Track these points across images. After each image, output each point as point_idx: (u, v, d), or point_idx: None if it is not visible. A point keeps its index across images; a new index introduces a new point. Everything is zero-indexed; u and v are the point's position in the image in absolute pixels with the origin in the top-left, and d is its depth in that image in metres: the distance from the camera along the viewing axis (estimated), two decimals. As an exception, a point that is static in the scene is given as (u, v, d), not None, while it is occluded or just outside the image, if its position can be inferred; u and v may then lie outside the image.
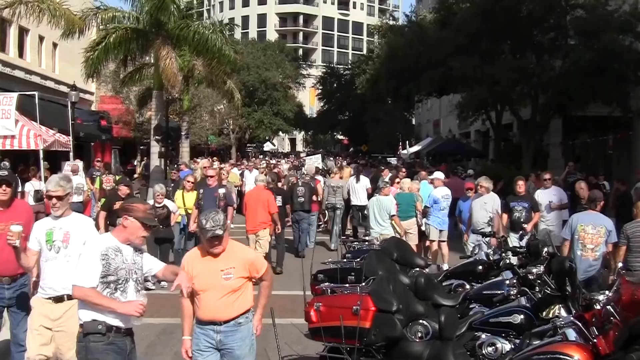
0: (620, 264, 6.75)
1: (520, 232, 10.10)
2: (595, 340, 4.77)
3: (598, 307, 5.02)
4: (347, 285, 7.87)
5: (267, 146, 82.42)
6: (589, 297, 5.13)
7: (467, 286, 8.49)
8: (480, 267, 8.84)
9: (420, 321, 6.79)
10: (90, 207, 18.56)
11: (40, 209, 16.46)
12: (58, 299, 6.05)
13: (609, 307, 4.91)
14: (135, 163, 36.76)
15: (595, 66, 23.15)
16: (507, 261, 8.24)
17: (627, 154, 28.36)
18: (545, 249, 7.33)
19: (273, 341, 5.25)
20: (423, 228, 14.42)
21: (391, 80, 34.24)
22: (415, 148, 45.40)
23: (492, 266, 8.66)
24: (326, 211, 19.10)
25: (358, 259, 9.46)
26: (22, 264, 6.25)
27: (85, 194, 17.58)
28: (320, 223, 20.24)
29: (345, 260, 9.97)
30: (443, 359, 5.60)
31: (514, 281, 7.33)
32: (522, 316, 6.42)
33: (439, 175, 15.60)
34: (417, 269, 9.24)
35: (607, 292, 5.14)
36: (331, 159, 42.11)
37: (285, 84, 66.37)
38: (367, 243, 11.43)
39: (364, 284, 7.48)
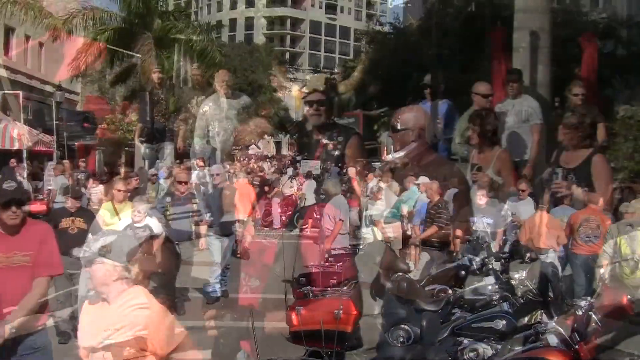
0: (602, 270, 6.74)
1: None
2: (576, 346, 4.76)
3: (580, 312, 5.02)
4: (329, 289, 7.84)
5: (252, 149, 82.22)
6: (570, 302, 5.13)
7: (450, 291, 8.48)
8: (462, 272, 8.82)
9: (402, 326, 6.76)
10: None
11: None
12: None
13: (590, 313, 4.90)
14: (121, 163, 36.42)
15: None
16: (490, 266, 8.23)
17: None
18: (528, 255, 7.34)
19: (253, 344, 5.16)
20: (409, 232, 14.32)
21: (376, 87, 34.12)
22: (400, 153, 45.37)
23: (474, 271, 8.64)
24: None
25: (340, 263, 9.42)
26: None
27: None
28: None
29: (327, 264, 9.92)
30: (424, 364, 5.57)
31: (497, 286, 7.31)
32: (504, 321, 6.40)
33: (425, 179, 15.51)
34: (400, 273, 9.21)
35: (589, 298, 5.14)
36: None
37: (271, 87, 66.19)
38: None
39: (345, 288, 7.44)
